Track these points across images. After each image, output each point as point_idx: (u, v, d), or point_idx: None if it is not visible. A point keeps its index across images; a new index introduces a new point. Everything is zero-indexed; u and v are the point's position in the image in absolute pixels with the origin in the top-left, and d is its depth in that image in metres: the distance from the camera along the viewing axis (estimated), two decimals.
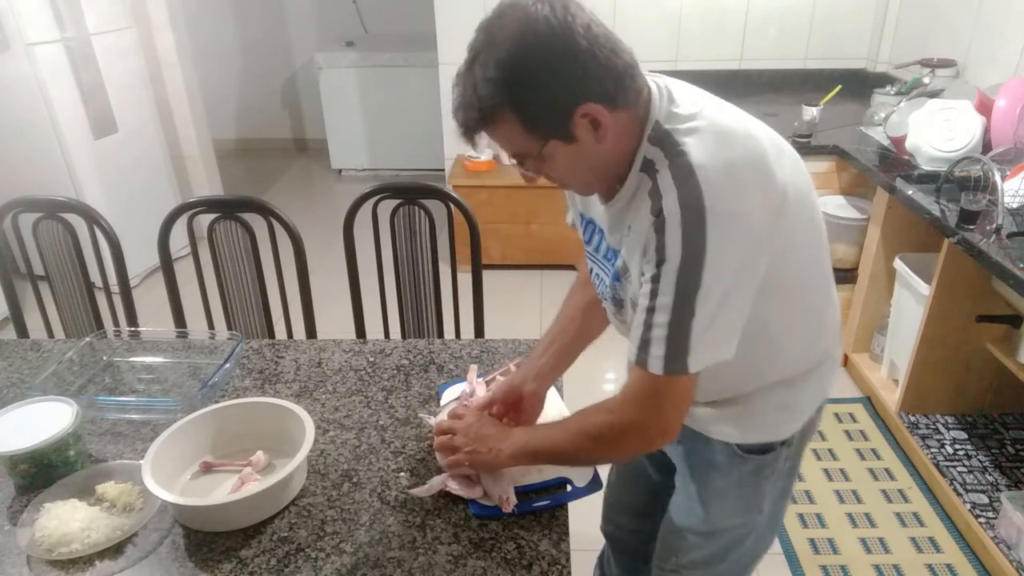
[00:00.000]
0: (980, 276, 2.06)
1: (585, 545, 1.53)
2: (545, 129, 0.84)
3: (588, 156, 0.87)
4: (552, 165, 0.90)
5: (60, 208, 1.82)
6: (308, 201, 4.94)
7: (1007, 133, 2.18)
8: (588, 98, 0.81)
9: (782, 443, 1.05)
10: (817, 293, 0.99)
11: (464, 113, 0.85)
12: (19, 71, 3.10)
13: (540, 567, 0.98)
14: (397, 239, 1.80)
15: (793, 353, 1.00)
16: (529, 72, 0.80)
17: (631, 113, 0.87)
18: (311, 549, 1.02)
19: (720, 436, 1.06)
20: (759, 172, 0.84)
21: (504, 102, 0.82)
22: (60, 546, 1.01)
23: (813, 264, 0.97)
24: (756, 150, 0.85)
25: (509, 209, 3.57)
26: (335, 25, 5.56)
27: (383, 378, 1.44)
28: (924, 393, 2.32)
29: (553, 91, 0.81)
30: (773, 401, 1.02)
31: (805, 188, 0.92)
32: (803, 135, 2.72)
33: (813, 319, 1.00)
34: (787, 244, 0.89)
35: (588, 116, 0.83)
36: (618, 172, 0.91)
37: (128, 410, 1.35)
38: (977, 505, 2.00)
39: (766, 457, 1.05)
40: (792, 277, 0.93)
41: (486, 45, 0.81)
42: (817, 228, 0.96)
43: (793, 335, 0.98)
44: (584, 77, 0.80)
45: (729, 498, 1.10)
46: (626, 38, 0.87)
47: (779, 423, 1.04)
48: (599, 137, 0.85)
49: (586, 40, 0.79)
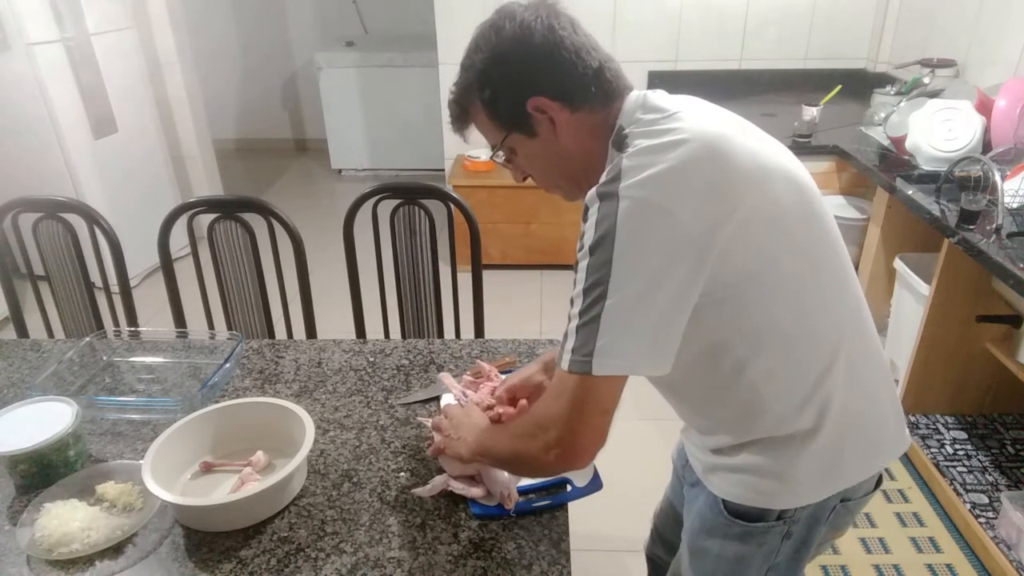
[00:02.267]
0: (980, 276, 2.06)
1: (585, 545, 1.53)
2: (505, 120, 0.92)
3: (551, 153, 0.92)
4: (522, 160, 0.96)
5: (60, 208, 1.82)
6: (308, 201, 4.94)
7: (1007, 133, 2.18)
8: (541, 93, 0.87)
9: (779, 517, 0.95)
10: (807, 346, 0.88)
11: (451, 103, 0.96)
12: (19, 71, 3.10)
13: (540, 567, 0.98)
14: (397, 239, 1.80)
15: (779, 408, 0.89)
16: (491, 67, 0.89)
17: (598, 116, 0.90)
18: (311, 549, 1.02)
19: (711, 486, 1.00)
20: (704, 172, 0.78)
21: (472, 93, 0.92)
22: (60, 546, 1.01)
23: (799, 306, 0.86)
24: (714, 149, 0.79)
25: (509, 209, 3.57)
26: (335, 25, 5.56)
27: (383, 378, 1.44)
28: (924, 393, 2.32)
29: (509, 84, 0.89)
30: (763, 462, 0.92)
31: (795, 214, 0.84)
32: (803, 135, 2.72)
33: (805, 379, 0.88)
34: (745, 266, 0.81)
35: (542, 111, 0.88)
36: (588, 176, 0.89)
37: (128, 410, 1.35)
38: (977, 505, 2.00)
39: (755, 526, 0.96)
40: (763, 312, 0.85)
41: (475, 43, 0.91)
42: (812, 269, 0.87)
43: (778, 388, 0.88)
44: (538, 73, 0.87)
45: (710, 559, 1.03)
46: (626, 38, 0.88)
47: (769, 490, 0.94)
48: (558, 135, 0.90)
49: (546, 40, 0.86)
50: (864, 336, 0.93)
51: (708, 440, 1.00)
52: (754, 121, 0.94)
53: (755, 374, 0.87)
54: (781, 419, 0.90)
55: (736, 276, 0.82)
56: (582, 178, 0.93)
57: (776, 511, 0.95)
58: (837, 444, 0.91)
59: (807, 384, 0.88)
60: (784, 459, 0.91)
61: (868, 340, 0.94)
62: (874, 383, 0.95)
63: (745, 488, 0.95)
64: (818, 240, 0.88)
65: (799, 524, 0.96)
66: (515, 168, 0.99)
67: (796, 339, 0.87)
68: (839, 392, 0.89)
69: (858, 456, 0.94)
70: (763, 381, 0.88)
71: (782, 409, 0.89)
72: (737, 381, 0.89)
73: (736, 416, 0.93)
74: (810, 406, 0.89)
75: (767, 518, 0.96)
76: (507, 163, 0.99)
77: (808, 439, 0.90)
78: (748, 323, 0.85)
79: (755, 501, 0.95)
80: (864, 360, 0.93)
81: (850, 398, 0.90)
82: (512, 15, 0.87)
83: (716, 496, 0.99)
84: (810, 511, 0.95)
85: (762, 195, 0.81)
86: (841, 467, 0.93)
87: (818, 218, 0.88)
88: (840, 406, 0.90)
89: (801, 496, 0.94)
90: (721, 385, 0.90)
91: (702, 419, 1.01)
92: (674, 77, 3.58)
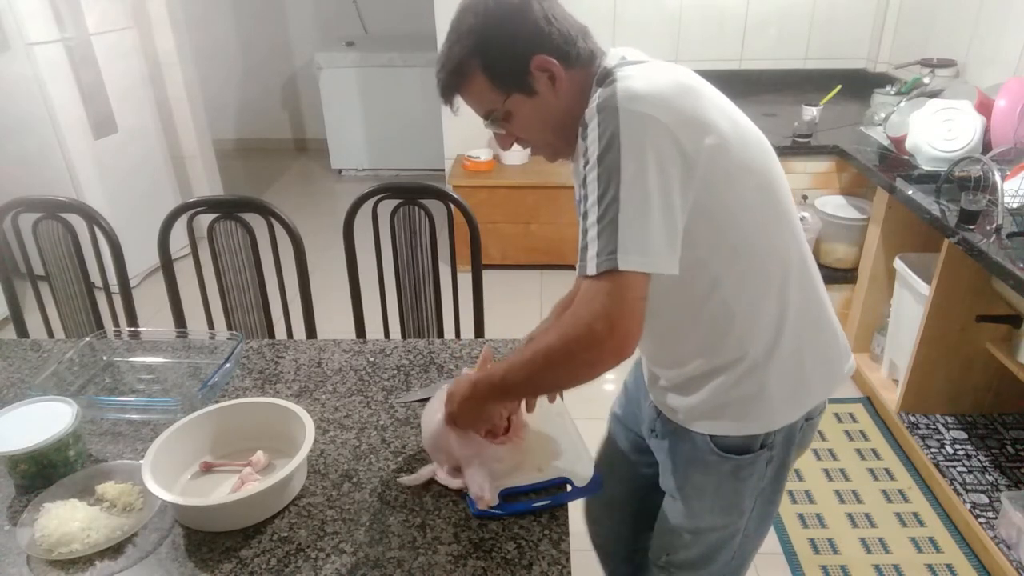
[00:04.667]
0: (980, 276, 2.06)
1: (585, 545, 1.53)
2: (508, 81, 0.97)
3: (548, 111, 0.99)
4: (517, 121, 1.01)
5: (60, 208, 1.82)
6: (308, 201, 4.94)
7: (1007, 133, 2.18)
8: (543, 50, 0.95)
9: (762, 445, 1.06)
10: (771, 260, 0.98)
11: (443, 75, 0.99)
12: (19, 71, 3.10)
13: (540, 567, 0.98)
14: (397, 239, 1.80)
15: (744, 324, 0.99)
16: (491, 31, 0.95)
17: (585, 72, 0.98)
18: (311, 549, 1.02)
19: (698, 428, 1.08)
20: (685, 99, 0.88)
21: (472, 59, 0.96)
22: (60, 546, 1.01)
23: (764, 222, 0.97)
24: (688, 85, 0.91)
25: (509, 209, 3.57)
26: (335, 25, 5.56)
27: (383, 378, 1.44)
28: (924, 393, 2.33)
29: (512, 45, 0.95)
30: (743, 388, 1.03)
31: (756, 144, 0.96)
32: (803, 135, 2.72)
33: (769, 290, 0.99)
34: (723, 184, 0.91)
35: (544, 69, 0.95)
36: (576, 130, 0.97)
37: (128, 410, 1.35)
38: (977, 505, 2.00)
39: (744, 459, 1.07)
40: (737, 228, 0.95)
41: (460, 18, 0.97)
42: (771, 188, 0.97)
43: (747, 301, 0.98)
44: (538, 33, 0.94)
45: (708, 496, 1.12)
46: (626, 38, 0.91)
47: (754, 415, 1.04)
48: (556, 90, 0.97)
49: (540, 6, 0.95)
50: (808, 256, 1.05)
51: (679, 376, 1.08)
52: (754, 121, 1.01)
53: (727, 290, 0.97)
54: (746, 335, 1.00)
55: (724, 185, 0.91)
56: (571, 133, 0.99)
57: (760, 438, 1.06)
58: (797, 357, 1.03)
59: (770, 297, 0.99)
60: (754, 382, 1.02)
61: (811, 261, 1.06)
62: (820, 296, 1.06)
63: (729, 421, 1.05)
64: (772, 166, 0.99)
65: (777, 448, 1.08)
66: (507, 133, 1.04)
67: (762, 254, 0.98)
68: (794, 301, 1.00)
69: (818, 373, 1.06)
70: (733, 297, 0.98)
71: (747, 324, 1.00)
72: (710, 298, 0.98)
73: (705, 337, 1.02)
74: (771, 319, 1.00)
75: (753, 447, 1.06)
76: (501, 127, 1.03)
77: (771, 354, 1.01)
78: (724, 240, 0.95)
79: (739, 430, 1.05)
80: (810, 277, 1.04)
81: (803, 307, 1.02)
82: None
83: (704, 435, 1.07)
84: (784, 433, 1.07)
85: (732, 124, 0.93)
86: (806, 385, 1.05)
87: (770, 151, 1.01)
88: (795, 314, 1.01)
89: (777, 418, 1.05)
90: (695, 304, 0.99)
91: (672, 348, 1.08)
92: None
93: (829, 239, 2.77)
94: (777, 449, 1.08)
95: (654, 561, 1.26)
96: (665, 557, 1.22)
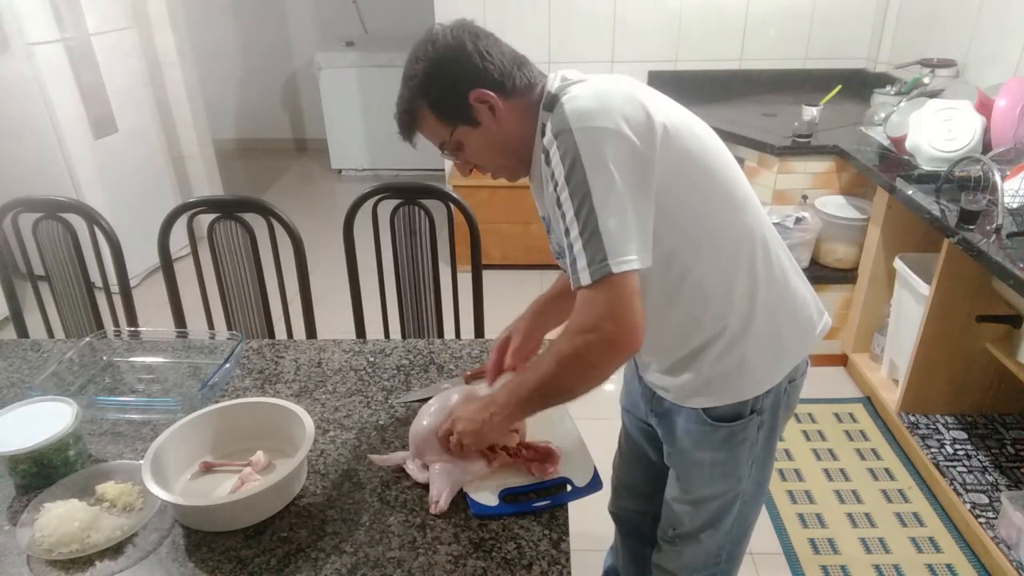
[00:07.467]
0: (980, 276, 2.06)
1: (585, 545, 1.53)
2: (452, 115, 1.04)
3: (494, 138, 1.06)
4: (469, 149, 1.08)
5: (60, 208, 1.82)
6: (308, 201, 4.94)
7: (1007, 133, 2.18)
8: (480, 85, 1.02)
9: (752, 411, 1.13)
10: (733, 241, 1.05)
11: (399, 115, 1.08)
12: (19, 71, 3.10)
13: (540, 567, 0.98)
14: (397, 239, 1.80)
15: (725, 303, 1.07)
16: (433, 72, 1.03)
17: (526, 100, 1.05)
18: (311, 549, 1.02)
19: (690, 404, 1.14)
20: (629, 104, 0.95)
21: (420, 99, 1.05)
22: (60, 546, 1.01)
23: (727, 206, 1.05)
24: (628, 92, 0.97)
25: (509, 209, 3.57)
26: (335, 25, 5.56)
27: (383, 378, 1.44)
28: (924, 393, 2.33)
29: (452, 83, 1.03)
30: (726, 360, 1.09)
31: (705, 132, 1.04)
32: (803, 135, 2.72)
33: (737, 269, 1.06)
34: (675, 176, 0.97)
35: (483, 101, 1.02)
36: (529, 151, 1.08)
37: (128, 410, 1.35)
38: (977, 505, 2.00)
39: (736, 425, 1.13)
40: (699, 217, 1.02)
41: (409, 63, 1.05)
42: (728, 171, 1.05)
43: (717, 281, 1.05)
44: (474, 69, 1.02)
45: (706, 466, 1.18)
46: (626, 39, 0.91)
47: (739, 383, 1.11)
48: (498, 119, 1.04)
49: (474, 46, 1.02)
50: (770, 230, 1.11)
51: (667, 359, 1.14)
52: (754, 121, 1.05)
53: (697, 274, 1.04)
54: (721, 312, 1.07)
55: (674, 179, 0.97)
56: (524, 154, 1.09)
57: (748, 403, 1.12)
58: (772, 325, 1.09)
59: (739, 274, 1.06)
60: (736, 353, 1.08)
61: (773, 235, 1.13)
62: (786, 266, 1.13)
63: (718, 393, 1.12)
64: (718, 153, 1.06)
65: (766, 412, 1.14)
66: (463, 161, 1.12)
67: (722, 237, 1.05)
68: (762, 274, 1.08)
69: (794, 335, 1.14)
70: (705, 279, 1.05)
71: (721, 302, 1.06)
72: (684, 282, 1.05)
73: (685, 318, 1.08)
74: (743, 294, 1.07)
75: (743, 414, 1.13)
76: (455, 156, 1.11)
77: (747, 325, 1.08)
78: (684, 230, 1.02)
79: (729, 398, 1.12)
80: (775, 250, 1.11)
81: (771, 279, 1.09)
82: (442, 30, 1.04)
83: (698, 410, 1.14)
84: (771, 397, 1.13)
85: (678, 114, 1.01)
86: (783, 348, 1.12)
87: (714, 138, 1.08)
88: (765, 287, 1.08)
89: (762, 382, 1.12)
90: (671, 290, 1.06)
91: (657, 333, 1.10)
92: (674, 77, 3.57)
93: (829, 239, 2.77)
94: (766, 413, 1.14)
95: (662, 537, 1.30)
96: (672, 531, 1.27)
